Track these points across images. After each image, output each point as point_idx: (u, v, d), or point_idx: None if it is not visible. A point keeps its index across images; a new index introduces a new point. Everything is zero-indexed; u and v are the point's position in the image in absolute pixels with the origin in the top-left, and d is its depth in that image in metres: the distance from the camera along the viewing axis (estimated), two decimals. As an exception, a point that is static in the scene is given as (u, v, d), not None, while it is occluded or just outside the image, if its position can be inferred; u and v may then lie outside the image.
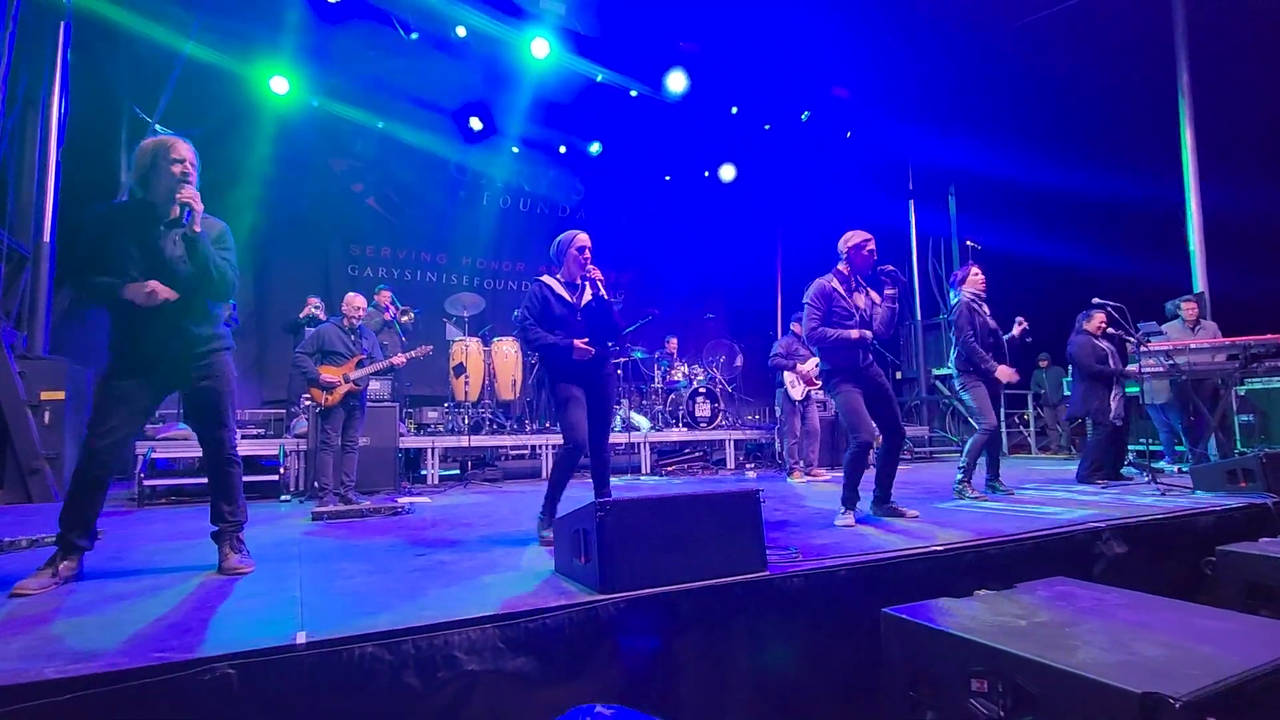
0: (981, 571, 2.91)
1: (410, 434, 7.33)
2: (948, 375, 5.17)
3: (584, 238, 3.65)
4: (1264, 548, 3.12)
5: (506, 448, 8.14)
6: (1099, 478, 5.56)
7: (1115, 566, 3.28)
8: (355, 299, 5.43)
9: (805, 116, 11.29)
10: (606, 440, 3.69)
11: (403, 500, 5.24)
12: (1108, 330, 5.74)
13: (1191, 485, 4.83)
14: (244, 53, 8.41)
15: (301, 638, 1.84)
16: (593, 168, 12.01)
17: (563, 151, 11.52)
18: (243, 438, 6.57)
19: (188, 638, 1.90)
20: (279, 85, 8.72)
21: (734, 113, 11.06)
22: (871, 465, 4.03)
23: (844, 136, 11.80)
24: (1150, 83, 8.22)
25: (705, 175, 12.64)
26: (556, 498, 3.50)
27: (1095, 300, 5.64)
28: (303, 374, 5.13)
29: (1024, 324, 5.33)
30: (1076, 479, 5.65)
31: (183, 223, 2.64)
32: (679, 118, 10.86)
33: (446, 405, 8.01)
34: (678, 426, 8.50)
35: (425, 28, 8.67)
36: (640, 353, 9.28)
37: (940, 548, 2.94)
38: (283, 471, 6.00)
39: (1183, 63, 7.95)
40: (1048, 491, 5.06)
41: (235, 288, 2.85)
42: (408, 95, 9.84)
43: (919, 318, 12.14)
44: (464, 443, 7.22)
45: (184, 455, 6.06)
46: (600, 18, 9.24)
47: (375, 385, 6.26)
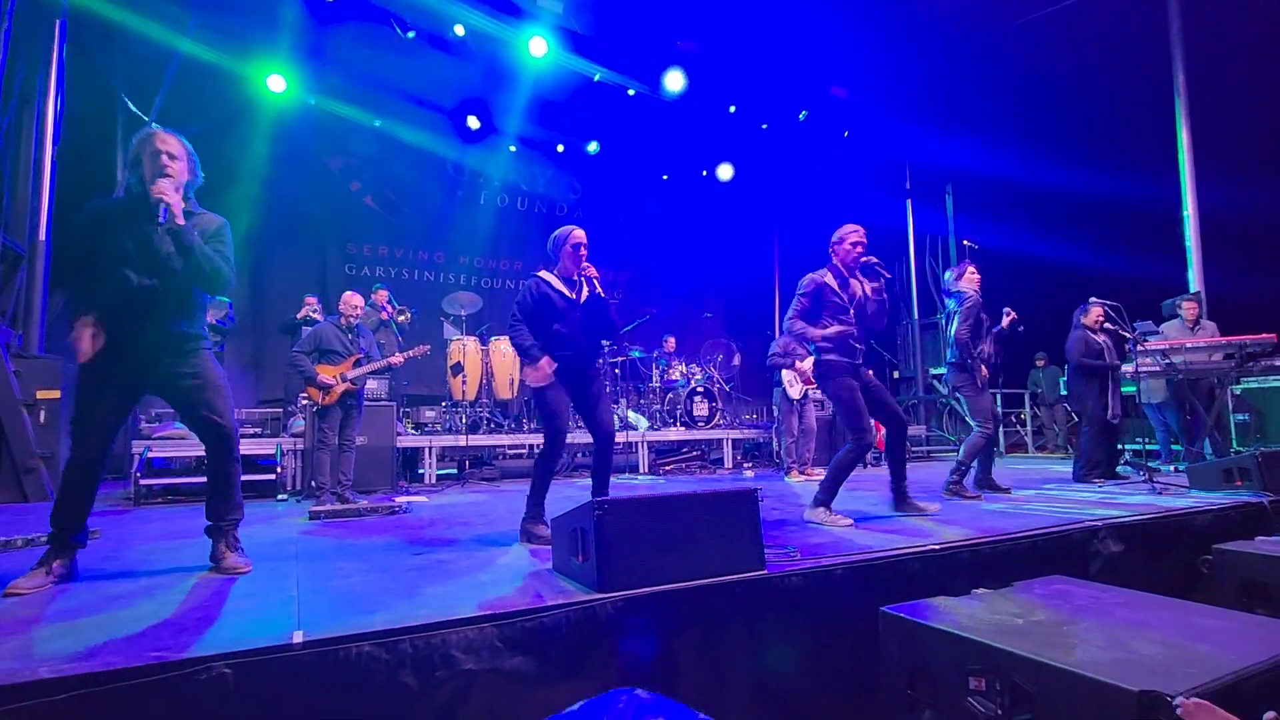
0: (979, 570, 2.91)
1: (407, 433, 7.32)
2: (944, 374, 5.16)
3: (580, 234, 3.59)
4: (1260, 546, 3.13)
5: (504, 447, 8.14)
6: (1095, 476, 5.57)
7: (1112, 565, 3.29)
8: (353, 298, 5.42)
9: (803, 116, 11.30)
10: (609, 439, 3.59)
11: (400, 499, 5.23)
12: (1105, 325, 5.74)
13: (1188, 484, 4.85)
14: (241, 51, 8.39)
15: (298, 637, 1.84)
16: (590, 167, 12.00)
17: (560, 150, 11.51)
18: (241, 436, 6.54)
19: (183, 637, 1.89)
20: (276, 83, 8.70)
21: (732, 112, 11.07)
22: (870, 464, 4.02)
23: (841, 136, 11.80)
24: (1150, 82, 8.24)
25: (703, 174, 12.65)
26: (541, 496, 3.47)
27: (1093, 298, 5.65)
28: (300, 373, 5.12)
29: (1012, 314, 5.24)
30: (1073, 478, 5.66)
31: (159, 219, 2.56)
32: (677, 117, 10.86)
33: (444, 404, 8.01)
34: (675, 426, 8.50)
35: (422, 26, 8.65)
36: (638, 352, 9.28)
37: (938, 546, 2.94)
38: (279, 471, 5.99)
39: (1178, 62, 7.97)
40: (1044, 490, 5.07)
41: (231, 282, 2.81)
42: (405, 94, 9.83)
43: (916, 317, 12.15)
44: (461, 442, 7.20)
45: (181, 454, 6.04)
46: (598, 17, 9.24)
47: (372, 384, 6.25)
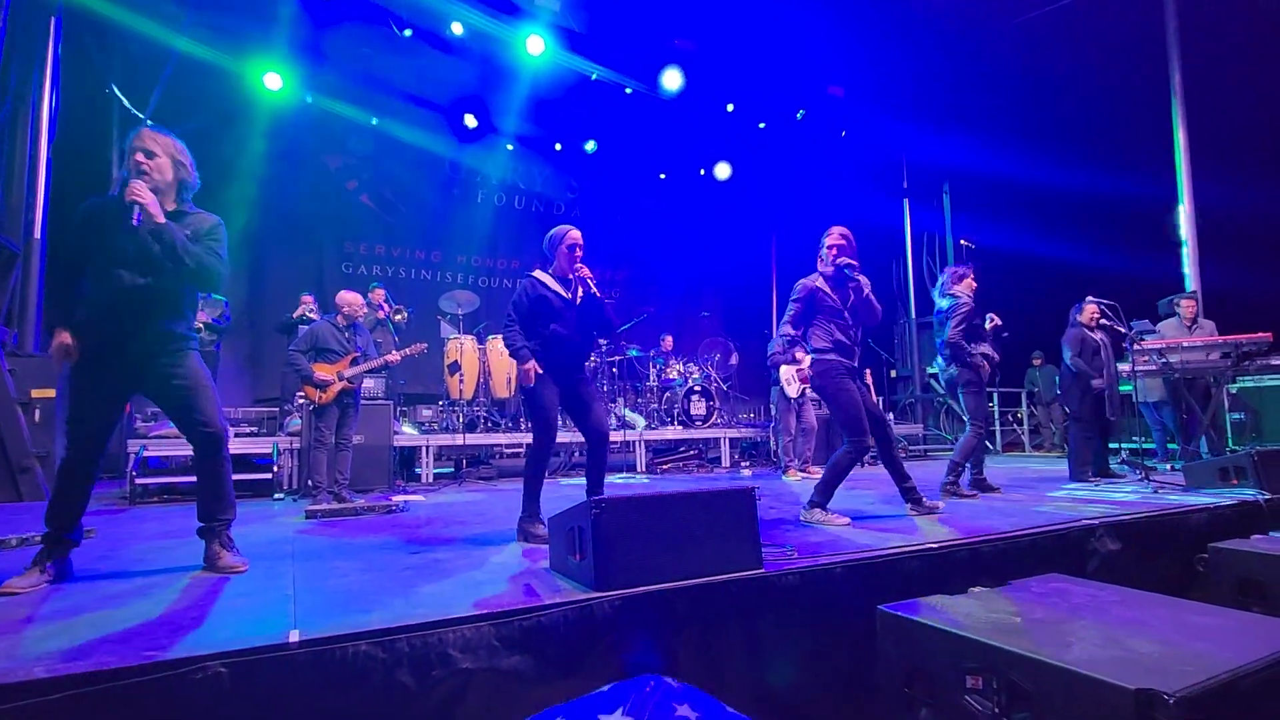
0: (976, 569, 2.92)
1: (404, 432, 7.31)
2: (941, 373, 5.16)
3: (576, 234, 3.61)
4: (1255, 544, 3.14)
5: (501, 446, 8.13)
6: (1090, 475, 5.58)
7: (1109, 563, 3.30)
8: (353, 297, 5.41)
9: (800, 115, 11.30)
10: (604, 439, 3.59)
11: (397, 498, 5.22)
12: (1101, 323, 5.75)
13: (1184, 482, 4.86)
14: (237, 48, 8.37)
15: (294, 636, 1.83)
16: (588, 165, 11.99)
17: (558, 149, 11.49)
18: (236, 435, 6.53)
19: (179, 636, 1.88)
20: (272, 81, 8.68)
21: (729, 111, 11.07)
22: (867, 463, 4.02)
23: (839, 135, 11.81)
24: (1148, 81, 8.24)
25: (701, 173, 12.65)
26: (535, 494, 3.48)
27: (1089, 297, 5.66)
28: (297, 371, 5.11)
29: (996, 320, 5.23)
30: (1070, 477, 5.67)
31: (134, 221, 2.53)
32: (674, 116, 10.86)
33: (441, 403, 7.99)
34: (673, 424, 8.49)
35: (419, 24, 8.64)
36: (635, 351, 9.27)
37: (935, 545, 2.94)
38: (276, 470, 5.97)
39: (1175, 62, 7.98)
40: (1041, 489, 5.08)
41: (222, 279, 2.79)
42: (402, 92, 9.81)
43: (913, 315, 12.16)
44: (458, 441, 7.19)
45: (176, 453, 6.02)
46: (595, 15, 9.24)
47: (369, 383, 6.24)
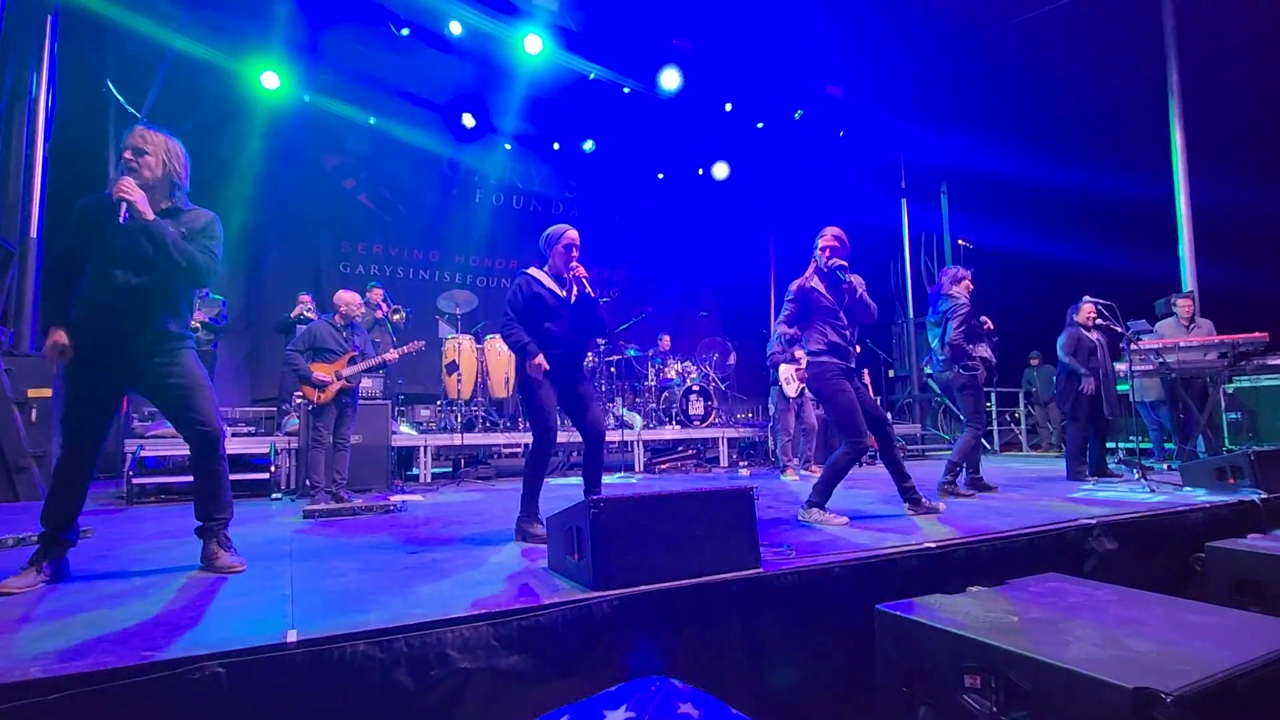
0: (974, 568, 2.92)
1: (402, 432, 7.30)
2: (936, 375, 5.17)
3: (573, 234, 3.61)
4: (1252, 544, 3.14)
5: (499, 446, 8.12)
6: (1087, 474, 5.59)
7: (1106, 562, 3.30)
8: (351, 296, 5.40)
9: (799, 115, 11.30)
10: (600, 438, 3.61)
11: (395, 498, 5.21)
12: (1097, 322, 5.76)
13: (1181, 482, 4.87)
14: (234, 47, 8.35)
15: (292, 636, 1.83)
16: (586, 165, 11.98)
17: (556, 149, 11.48)
18: (233, 435, 6.52)
19: (176, 636, 1.87)
20: (270, 80, 8.66)
21: (728, 110, 11.06)
22: (865, 463, 4.02)
23: (837, 135, 11.81)
24: (1147, 80, 8.24)
25: (699, 173, 12.64)
26: (534, 494, 3.48)
27: (1086, 296, 5.67)
28: (295, 371, 5.10)
29: (988, 323, 5.24)
30: (1067, 476, 5.68)
31: (121, 219, 2.51)
32: (672, 115, 10.86)
33: (439, 403, 7.98)
34: (671, 424, 8.49)
35: (417, 23, 8.63)
36: (634, 350, 9.27)
37: (933, 545, 2.95)
38: (274, 470, 5.96)
39: (1172, 61, 7.99)
40: (1038, 489, 5.09)
41: (215, 275, 2.78)
42: (400, 91, 9.80)
43: (911, 315, 12.17)
44: (456, 441, 7.19)
45: (174, 453, 6.01)
46: (593, 14, 9.23)
47: (367, 383, 6.23)
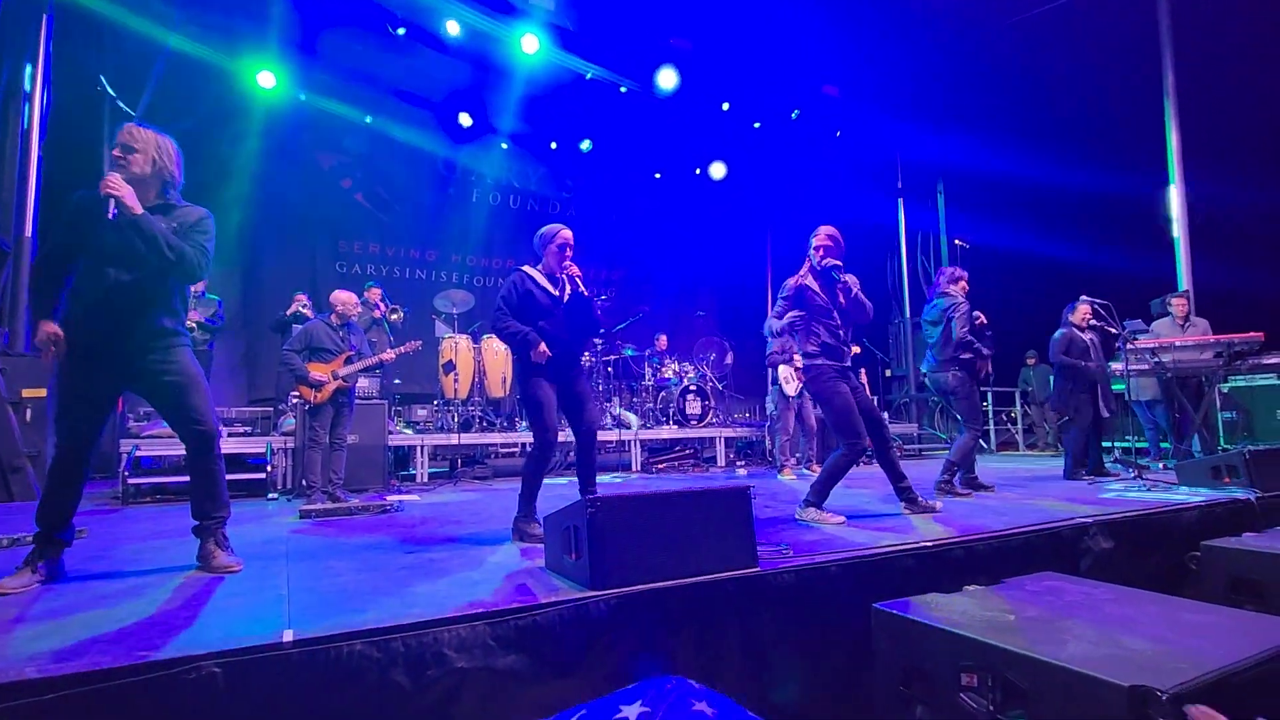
0: (970, 567, 2.92)
1: (399, 431, 7.29)
2: (935, 372, 5.17)
3: (568, 234, 3.62)
4: (1247, 542, 3.15)
5: (496, 445, 8.11)
6: (1084, 474, 5.61)
7: (1102, 561, 3.31)
8: (347, 296, 5.39)
9: (795, 115, 11.31)
10: (593, 437, 3.63)
11: (391, 498, 5.21)
12: (1091, 323, 5.77)
13: (1176, 481, 4.89)
14: (230, 47, 8.32)
15: (288, 636, 1.82)
16: (583, 164, 11.97)
17: (553, 148, 11.47)
18: (229, 435, 6.50)
19: (172, 636, 1.87)
20: (266, 79, 8.63)
21: (725, 109, 11.05)
22: (863, 462, 4.02)
23: (834, 134, 11.81)
24: (1147, 80, 8.23)
25: (696, 173, 12.64)
26: (532, 494, 3.48)
27: (1083, 296, 5.69)
28: (291, 371, 5.09)
29: (981, 318, 5.20)
30: (1064, 475, 5.70)
31: (109, 215, 2.50)
32: (669, 115, 10.85)
33: (436, 403, 7.97)
34: (668, 424, 8.49)
35: (413, 22, 8.61)
36: (631, 350, 9.27)
37: (930, 543, 2.95)
38: (270, 469, 5.94)
39: (1168, 61, 8.00)
40: (1035, 488, 5.10)
41: (204, 269, 2.76)
42: (396, 90, 9.78)
43: (908, 315, 12.19)
44: (453, 440, 7.17)
45: (170, 453, 5.98)
46: (590, 14, 9.22)
47: (364, 382, 6.22)
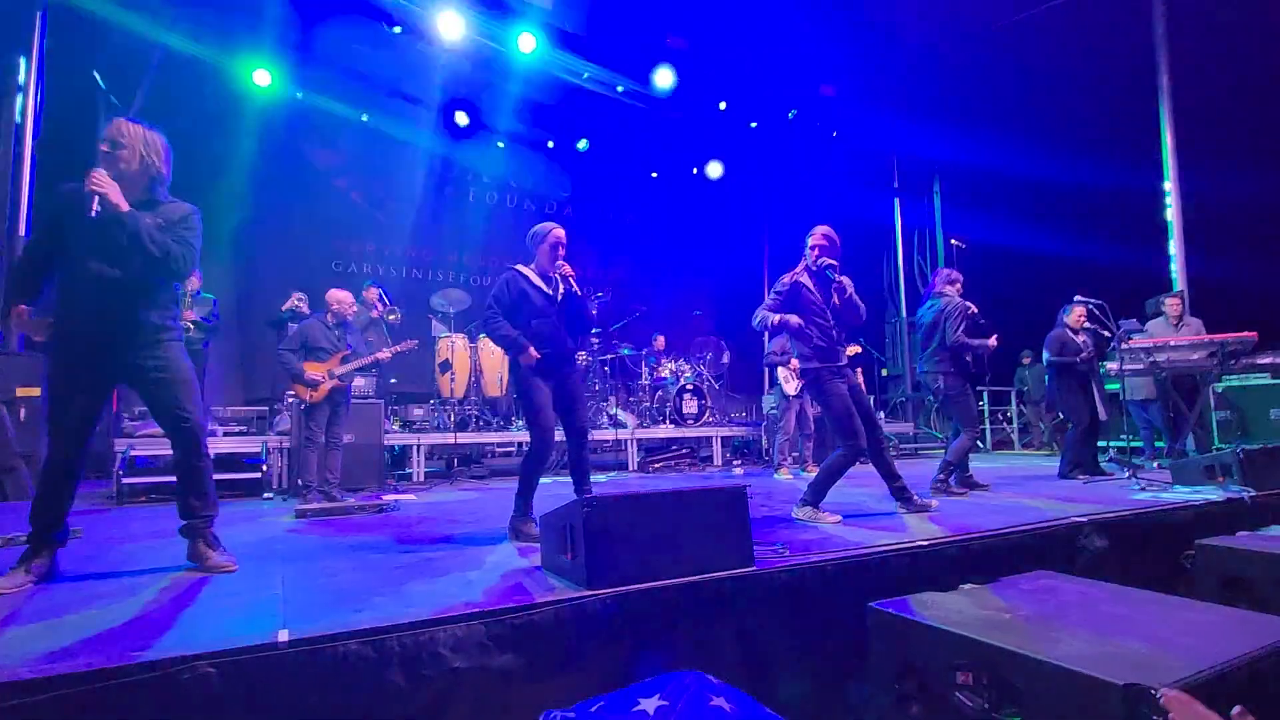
0: (966, 566, 2.93)
1: (395, 431, 7.27)
2: (929, 373, 5.18)
3: (560, 232, 3.62)
4: (1241, 541, 3.16)
5: (493, 445, 8.11)
6: (1080, 473, 5.63)
7: (1097, 560, 3.32)
8: (343, 295, 5.38)
9: (792, 114, 11.32)
10: (584, 436, 3.64)
11: (388, 497, 5.20)
12: (1085, 324, 5.80)
13: (1171, 480, 4.90)
14: (226, 45, 8.30)
15: (283, 636, 1.82)
16: (580, 164, 11.97)
17: (551, 147, 11.48)
18: (225, 435, 6.48)
19: (166, 636, 1.86)
20: (261, 78, 8.61)
21: (722, 109, 11.06)
22: (860, 461, 4.03)
23: (830, 134, 11.83)
24: (1141, 75, 8.23)
25: (693, 172, 12.65)
26: (529, 494, 3.48)
27: (1077, 297, 5.71)
28: (286, 370, 5.08)
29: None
30: (1059, 475, 5.72)
31: (91, 211, 2.47)
32: (667, 114, 10.85)
33: (432, 402, 7.96)
34: (665, 423, 8.49)
35: (409, 21, 8.59)
36: (628, 349, 9.27)
37: (925, 542, 2.96)
38: (266, 469, 5.93)
39: (1162, 61, 8.01)
40: (1030, 487, 5.11)
41: (190, 265, 2.74)
42: (393, 89, 9.76)
43: (904, 314, 12.21)
44: (450, 440, 7.17)
45: (164, 452, 5.94)
46: (587, 14, 9.20)
47: (360, 382, 6.21)
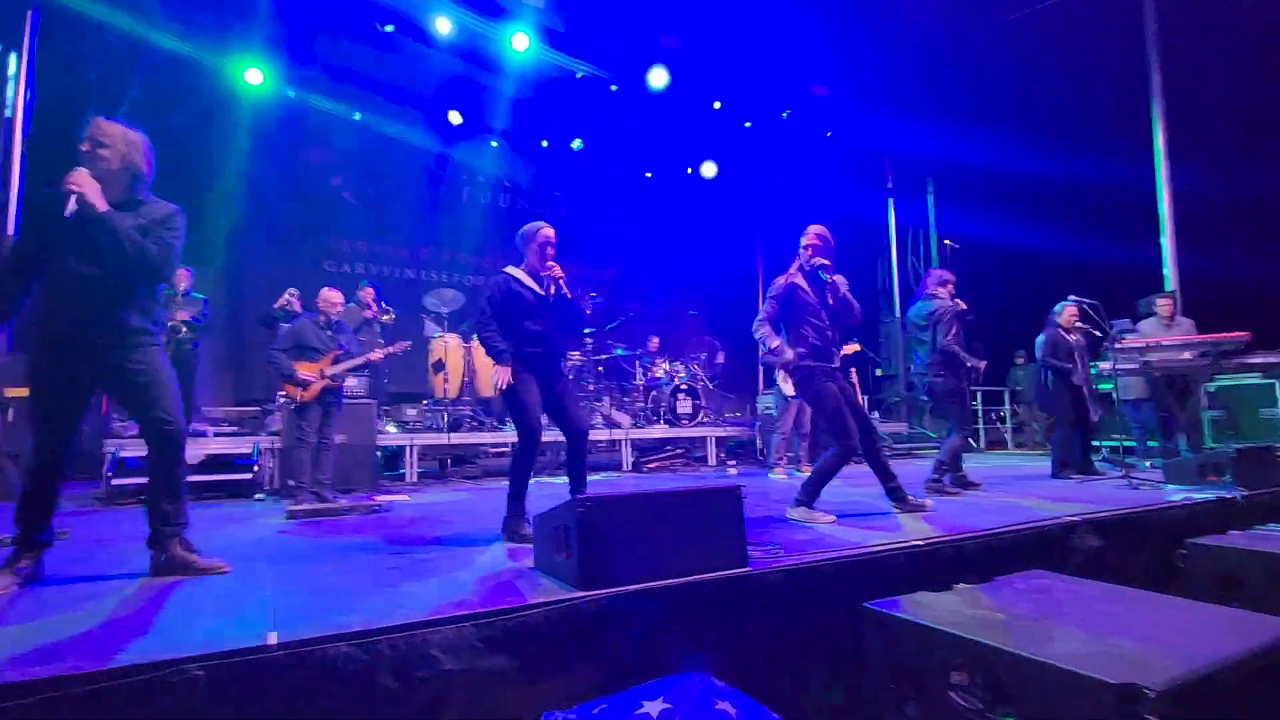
0: (960, 565, 2.93)
1: (388, 431, 7.24)
2: (922, 375, 5.21)
3: (549, 231, 3.60)
4: (1233, 540, 3.17)
5: (486, 445, 8.08)
6: (1072, 472, 5.65)
7: (1090, 559, 3.33)
8: (332, 295, 5.35)
9: (786, 114, 11.32)
10: (583, 437, 3.62)
11: (380, 498, 5.18)
12: (1077, 325, 5.82)
13: (1163, 479, 4.92)
14: (217, 43, 8.22)
15: (273, 638, 1.80)
16: (574, 163, 11.93)
17: (545, 146, 11.44)
18: (216, 435, 6.44)
19: (155, 639, 1.85)
20: (253, 76, 8.54)
21: (716, 109, 11.05)
22: (855, 461, 4.03)
23: (824, 134, 11.84)
24: (1138, 75, 8.26)
25: (687, 172, 12.63)
26: (521, 494, 3.46)
27: (1071, 297, 5.73)
28: (277, 370, 5.05)
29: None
30: (1051, 474, 5.74)
31: (66, 211, 2.46)
32: (660, 114, 10.83)
33: (425, 402, 7.93)
34: (659, 423, 8.49)
35: (402, 20, 8.55)
36: (622, 349, 9.25)
37: (920, 542, 2.96)
38: (257, 470, 5.89)
39: (1154, 61, 8.04)
40: (1023, 487, 5.13)
41: (170, 266, 2.71)
42: (386, 88, 9.70)
43: (898, 314, 12.23)
44: (443, 440, 7.14)
45: (154, 453, 5.92)
46: (581, 13, 9.19)
47: (352, 382, 6.17)
